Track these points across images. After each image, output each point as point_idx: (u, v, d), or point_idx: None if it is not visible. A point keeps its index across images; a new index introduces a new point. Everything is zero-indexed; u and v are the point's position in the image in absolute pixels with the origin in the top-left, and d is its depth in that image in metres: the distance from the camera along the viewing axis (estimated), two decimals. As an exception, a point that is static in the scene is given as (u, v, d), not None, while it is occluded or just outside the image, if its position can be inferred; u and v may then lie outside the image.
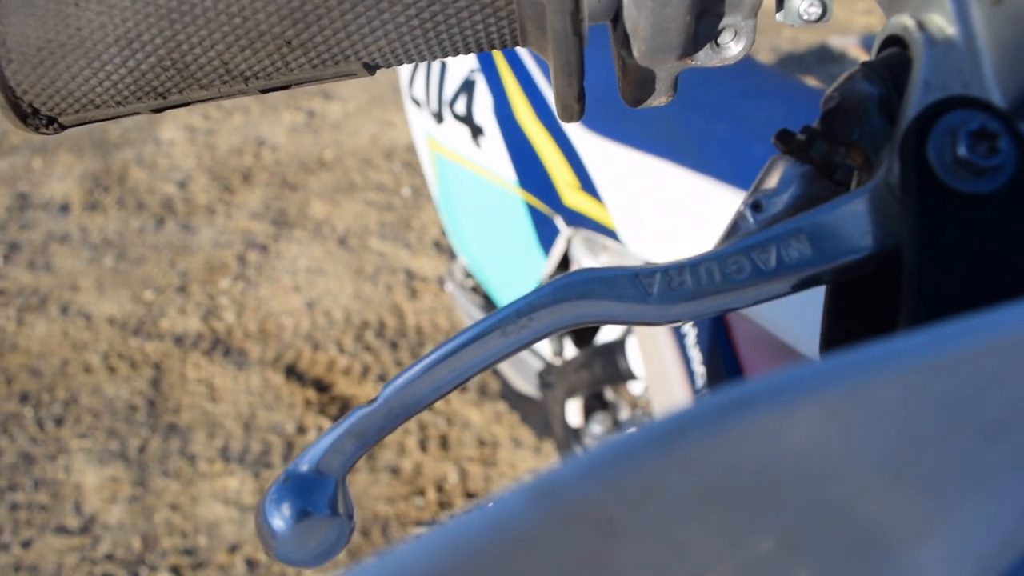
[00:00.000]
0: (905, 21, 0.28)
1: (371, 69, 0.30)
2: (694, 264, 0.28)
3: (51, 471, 1.95)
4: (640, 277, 0.28)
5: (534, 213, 1.16)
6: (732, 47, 0.30)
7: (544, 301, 0.28)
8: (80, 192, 2.71)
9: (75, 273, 2.42)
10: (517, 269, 1.23)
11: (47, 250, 2.50)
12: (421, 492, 1.94)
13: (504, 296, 1.30)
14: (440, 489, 1.95)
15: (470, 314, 1.60)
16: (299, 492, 0.26)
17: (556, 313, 0.28)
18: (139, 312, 2.31)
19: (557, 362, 1.32)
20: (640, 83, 0.31)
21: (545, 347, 1.37)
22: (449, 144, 1.26)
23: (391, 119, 2.96)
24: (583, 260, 1.14)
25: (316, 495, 0.26)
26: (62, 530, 1.84)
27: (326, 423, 2.05)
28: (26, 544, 1.81)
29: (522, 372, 1.49)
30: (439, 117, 1.26)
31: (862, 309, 0.28)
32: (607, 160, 1.00)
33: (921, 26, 0.27)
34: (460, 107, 1.21)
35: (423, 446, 2.01)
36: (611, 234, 1.02)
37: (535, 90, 1.12)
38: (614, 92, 1.13)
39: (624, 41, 0.30)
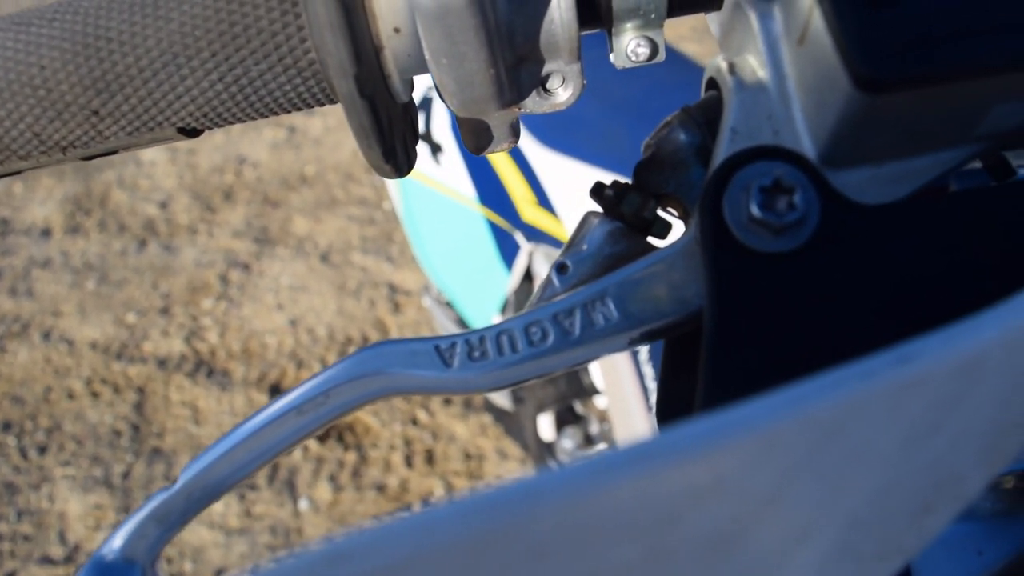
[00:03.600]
0: (719, 63, 0.27)
1: (188, 134, 0.30)
2: (496, 332, 0.27)
3: (35, 500, 1.94)
4: (440, 348, 0.27)
5: (495, 229, 1.15)
6: (560, 93, 0.28)
7: (341, 378, 0.27)
8: (61, 216, 2.70)
9: (57, 298, 2.42)
10: (482, 285, 1.22)
11: (29, 275, 2.49)
12: (408, 509, 1.93)
13: (472, 312, 1.28)
14: (427, 505, 1.93)
15: (446, 328, 1.59)
16: (105, 579, 0.25)
17: (355, 389, 0.27)
18: (122, 336, 2.30)
19: (527, 377, 1.31)
20: (474, 132, 0.30)
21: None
22: (410, 161, 1.25)
23: (372, 132, 2.95)
24: (544, 275, 1.12)
25: (122, 582, 0.25)
26: (46, 560, 1.83)
27: (311, 443, 2.03)
28: None
29: (498, 387, 1.47)
30: (399, 134, 1.25)
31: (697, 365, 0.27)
32: (560, 175, 0.99)
33: (732, 68, 0.26)
34: (419, 125, 1.20)
35: (409, 462, 2.00)
36: (568, 249, 1.01)
37: (490, 105, 1.10)
38: (567, 111, 1.11)
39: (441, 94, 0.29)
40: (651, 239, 0.29)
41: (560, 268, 0.28)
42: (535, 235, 1.08)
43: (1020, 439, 0.18)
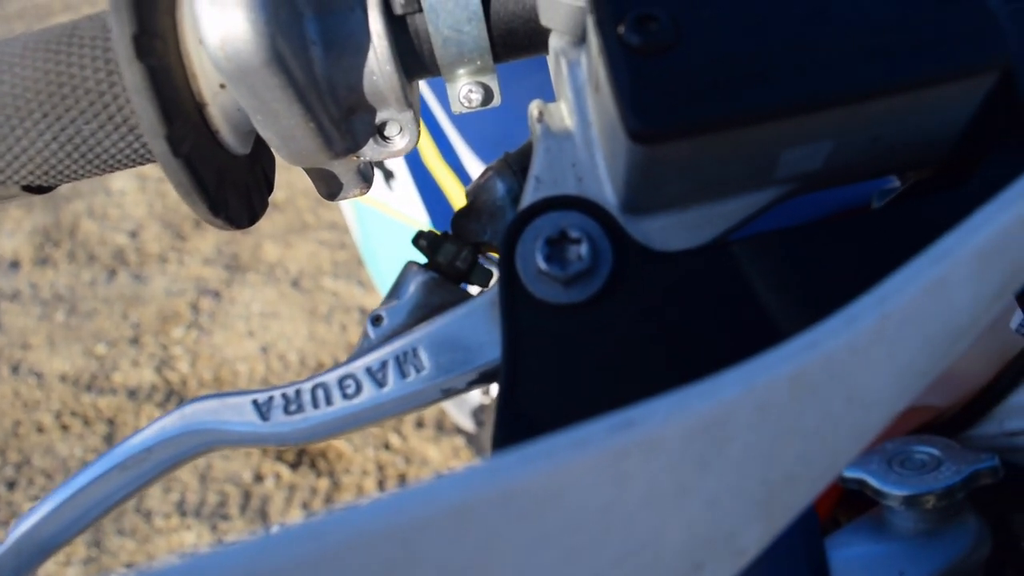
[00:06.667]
0: (531, 109, 0.26)
1: (33, 191, 0.30)
2: (312, 386, 0.27)
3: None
4: (258, 402, 0.27)
5: (448, 254, 1.14)
6: (398, 141, 0.28)
7: (163, 435, 0.27)
8: (30, 248, 2.68)
9: (26, 331, 2.40)
10: (438, 310, 1.21)
11: (-3, 309, 2.47)
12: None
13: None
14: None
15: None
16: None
17: (176, 445, 0.27)
18: (91, 367, 2.28)
19: (486, 400, 1.31)
20: (322, 180, 0.30)
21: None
22: (364, 188, 1.25)
23: (344, 156, 2.95)
24: (498, 299, 1.12)
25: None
26: (14, 597, 1.80)
27: (283, 470, 2.02)
28: (-24, 615, 1.77)
29: (462, 410, 1.47)
30: (353, 161, 1.25)
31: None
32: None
33: (540, 116, 0.25)
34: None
35: (382, 487, 1.99)
36: (518, 273, 1.01)
37: (439, 131, 1.11)
38: (513, 133, 1.12)
39: None
40: (473, 288, 0.29)
41: (375, 320, 0.28)
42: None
43: (801, 491, 0.18)
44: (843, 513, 0.70)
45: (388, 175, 1.19)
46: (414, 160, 1.16)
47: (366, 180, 0.30)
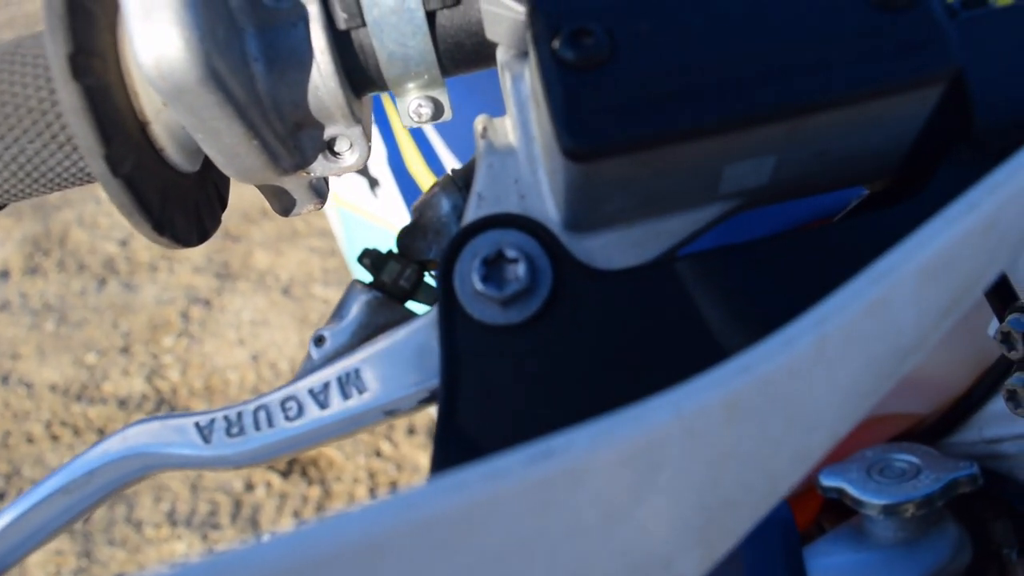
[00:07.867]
0: (476, 125, 0.26)
1: None
2: (254, 408, 0.26)
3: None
4: (199, 425, 0.26)
5: (434, 261, 1.14)
6: (348, 156, 0.28)
7: (105, 458, 0.26)
8: (20, 257, 2.67)
9: (15, 341, 2.39)
10: (425, 318, 1.21)
11: (-13, 319, 2.46)
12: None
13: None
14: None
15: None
16: None
17: (119, 469, 0.26)
18: (81, 377, 2.27)
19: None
20: (275, 196, 0.30)
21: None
22: (349, 198, 1.25)
23: (334, 162, 2.94)
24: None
25: None
26: (3, 610, 1.79)
27: (274, 479, 2.01)
28: (-35, 627, 1.76)
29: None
30: (339, 169, 1.25)
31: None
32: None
33: (484, 131, 0.25)
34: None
35: (373, 494, 1.98)
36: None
37: (424, 140, 1.10)
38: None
39: None
40: (419, 307, 0.28)
41: (318, 340, 0.28)
42: (471, 267, 1.07)
43: (742, 516, 0.18)
44: (827, 520, 0.70)
45: (373, 183, 1.18)
46: (399, 168, 1.15)
47: (319, 195, 0.30)
